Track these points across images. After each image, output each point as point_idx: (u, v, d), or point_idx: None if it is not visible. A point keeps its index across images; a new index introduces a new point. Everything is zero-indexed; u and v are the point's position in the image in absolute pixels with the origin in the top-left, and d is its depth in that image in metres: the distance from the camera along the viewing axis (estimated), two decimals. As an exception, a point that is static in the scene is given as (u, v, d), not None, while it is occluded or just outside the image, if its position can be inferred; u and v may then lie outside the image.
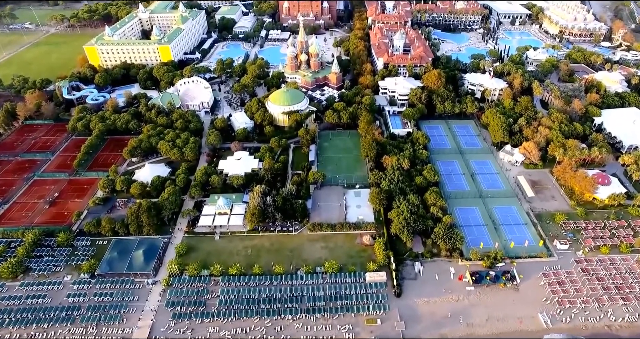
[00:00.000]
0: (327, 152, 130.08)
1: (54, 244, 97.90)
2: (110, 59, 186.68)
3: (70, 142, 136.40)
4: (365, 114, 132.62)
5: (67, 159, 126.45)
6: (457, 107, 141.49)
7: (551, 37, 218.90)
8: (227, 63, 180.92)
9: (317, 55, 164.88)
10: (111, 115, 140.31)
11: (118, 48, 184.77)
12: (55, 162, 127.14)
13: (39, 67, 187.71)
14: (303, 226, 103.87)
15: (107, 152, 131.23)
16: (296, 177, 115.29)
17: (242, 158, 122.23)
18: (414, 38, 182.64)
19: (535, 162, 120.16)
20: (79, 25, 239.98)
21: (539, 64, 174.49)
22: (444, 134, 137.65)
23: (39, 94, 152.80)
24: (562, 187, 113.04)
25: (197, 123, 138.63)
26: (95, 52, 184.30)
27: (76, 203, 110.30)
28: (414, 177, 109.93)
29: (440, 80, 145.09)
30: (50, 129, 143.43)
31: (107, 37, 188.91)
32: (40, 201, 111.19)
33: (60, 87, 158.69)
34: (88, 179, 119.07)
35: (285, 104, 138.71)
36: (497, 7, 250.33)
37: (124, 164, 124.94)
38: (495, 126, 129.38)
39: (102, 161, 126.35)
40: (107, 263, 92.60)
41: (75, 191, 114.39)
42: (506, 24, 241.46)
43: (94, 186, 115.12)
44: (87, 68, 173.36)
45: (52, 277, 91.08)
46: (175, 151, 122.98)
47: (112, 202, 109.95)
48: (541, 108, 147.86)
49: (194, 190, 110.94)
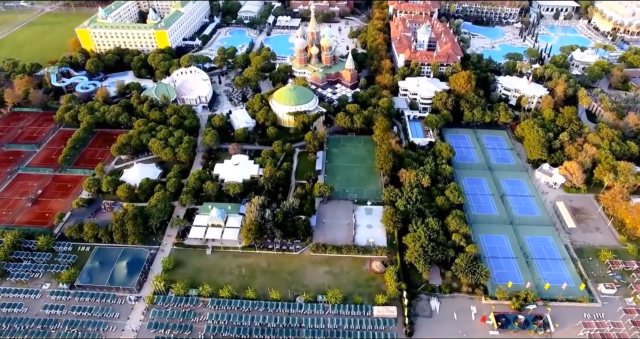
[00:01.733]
0: (337, 161, 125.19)
1: (33, 248, 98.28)
2: (103, 44, 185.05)
3: (57, 133, 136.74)
4: (381, 119, 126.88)
5: (53, 152, 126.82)
6: (488, 116, 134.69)
7: (602, 36, 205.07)
8: (230, 52, 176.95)
9: (330, 49, 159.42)
10: (101, 106, 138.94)
11: (112, 32, 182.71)
12: (40, 155, 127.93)
13: (30, 50, 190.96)
14: (305, 245, 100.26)
15: (95, 147, 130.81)
16: (299, 189, 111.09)
17: (241, 163, 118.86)
18: (441, 32, 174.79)
19: (578, 186, 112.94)
20: (75, 4, 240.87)
21: (586, 68, 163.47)
22: (471, 145, 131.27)
23: (28, 80, 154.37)
24: (610, 219, 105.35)
25: (192, 120, 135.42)
26: (88, 35, 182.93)
27: (59, 203, 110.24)
28: (434, 197, 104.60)
29: (470, 84, 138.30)
30: (38, 118, 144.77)
31: (100, 19, 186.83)
32: (23, 198, 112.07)
33: (49, 74, 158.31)
34: (73, 177, 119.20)
35: (291, 103, 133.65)
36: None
37: (112, 162, 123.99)
38: (532, 141, 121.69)
39: (90, 157, 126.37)
40: (88, 273, 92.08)
41: (59, 189, 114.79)
42: (548, 18, 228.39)
43: (79, 184, 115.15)
44: (78, 53, 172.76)
45: (30, 284, 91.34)
46: (168, 151, 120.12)
47: (97, 205, 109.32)
48: (588, 121, 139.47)
49: (185, 197, 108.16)
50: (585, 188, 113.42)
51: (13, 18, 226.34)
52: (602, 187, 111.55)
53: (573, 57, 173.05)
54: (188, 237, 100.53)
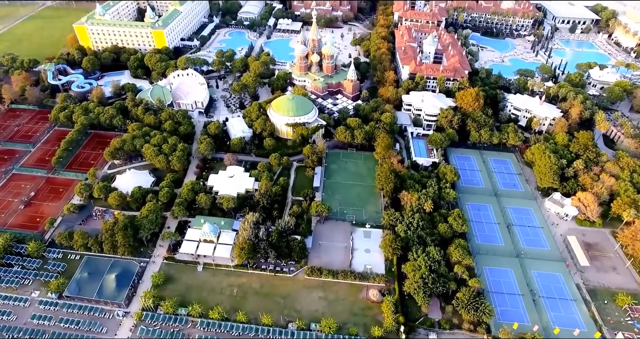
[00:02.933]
0: (336, 177, 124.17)
1: (24, 253, 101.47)
2: (100, 41, 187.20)
3: (52, 133, 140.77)
4: (383, 136, 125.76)
5: (48, 153, 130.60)
6: (496, 137, 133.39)
7: (625, 52, 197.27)
8: (228, 55, 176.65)
9: (332, 57, 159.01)
10: (95, 107, 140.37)
11: (109, 29, 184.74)
12: (35, 155, 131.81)
13: (29, 45, 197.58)
14: (300, 268, 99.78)
15: (89, 149, 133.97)
16: (296, 207, 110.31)
17: (236, 175, 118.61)
18: (449, 44, 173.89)
19: (593, 220, 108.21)
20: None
21: (605, 88, 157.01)
22: (476, 168, 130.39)
23: (25, 77, 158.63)
24: (630, 258, 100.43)
25: (188, 126, 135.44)
26: (85, 32, 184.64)
27: (51, 207, 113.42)
28: (436, 224, 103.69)
29: (478, 103, 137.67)
30: (34, 116, 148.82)
31: (98, 16, 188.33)
32: (16, 200, 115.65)
33: (45, 71, 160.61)
34: (66, 180, 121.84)
35: (290, 114, 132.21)
36: (554, 9, 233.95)
37: (105, 166, 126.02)
38: (542, 167, 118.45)
39: (83, 159, 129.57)
40: (77, 283, 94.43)
41: (51, 192, 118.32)
42: (564, 31, 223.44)
43: (71, 188, 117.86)
44: (75, 50, 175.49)
45: (20, 291, 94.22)
46: (161, 158, 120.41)
47: (89, 211, 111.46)
48: (605, 148, 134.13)
49: (177, 209, 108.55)
50: (601, 222, 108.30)
51: (15, 11, 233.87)
52: (621, 222, 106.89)
53: (590, 75, 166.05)
54: (179, 252, 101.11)
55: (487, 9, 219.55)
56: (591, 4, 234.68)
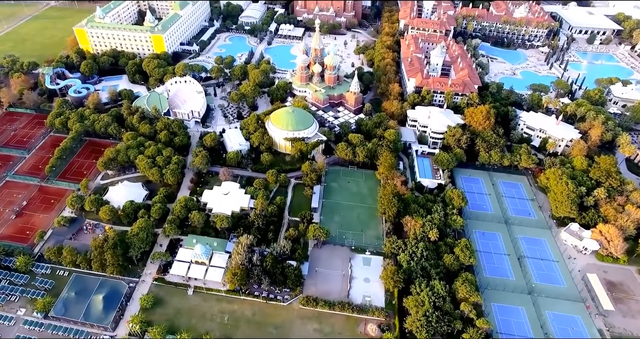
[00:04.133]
0: (335, 197, 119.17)
1: (12, 266, 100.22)
2: (100, 44, 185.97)
3: (47, 139, 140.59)
4: (387, 154, 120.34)
5: (42, 160, 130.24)
6: (507, 159, 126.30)
7: None
8: (227, 62, 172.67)
9: (334, 68, 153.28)
10: (91, 114, 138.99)
11: (108, 33, 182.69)
12: (29, 161, 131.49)
13: (32, 45, 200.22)
14: (295, 296, 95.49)
15: (83, 157, 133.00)
16: (292, 230, 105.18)
17: (231, 192, 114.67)
18: (458, 56, 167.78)
19: (617, 256, 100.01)
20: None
21: (628, 106, 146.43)
22: (485, 191, 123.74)
23: (24, 80, 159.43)
24: None
25: (183, 137, 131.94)
26: (85, 35, 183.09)
27: (41, 219, 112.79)
28: (442, 254, 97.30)
29: (488, 121, 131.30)
30: (30, 121, 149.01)
31: (98, 19, 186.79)
32: (7, 210, 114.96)
33: (43, 75, 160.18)
34: (58, 190, 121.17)
35: (289, 128, 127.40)
36: (571, 18, 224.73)
37: (98, 176, 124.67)
38: (559, 194, 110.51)
39: (77, 168, 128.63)
40: (64, 303, 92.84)
41: (43, 202, 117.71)
42: (581, 42, 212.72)
43: (63, 199, 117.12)
44: (74, 53, 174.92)
45: (6, 307, 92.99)
46: (155, 171, 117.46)
47: (79, 224, 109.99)
48: (630, 174, 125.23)
49: (169, 227, 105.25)
50: (626, 259, 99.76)
51: (19, 11, 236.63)
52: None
53: (612, 91, 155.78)
54: (169, 273, 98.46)
55: (498, 17, 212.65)
56: (612, 12, 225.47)
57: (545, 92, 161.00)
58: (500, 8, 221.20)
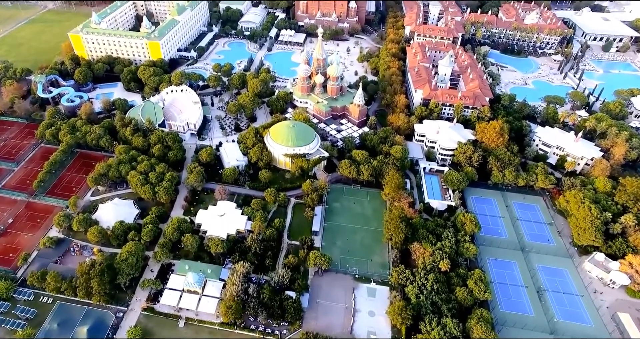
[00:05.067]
0: (338, 218, 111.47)
1: None
2: (95, 50, 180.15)
3: (38, 150, 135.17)
4: (393, 173, 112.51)
5: (31, 173, 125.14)
6: (523, 179, 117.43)
7: None
8: (225, 70, 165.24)
9: (337, 79, 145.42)
10: (83, 125, 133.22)
11: (104, 39, 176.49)
12: (18, 175, 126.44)
13: (27, 50, 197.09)
14: (293, 331, 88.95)
15: (74, 171, 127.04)
16: (292, 256, 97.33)
17: (227, 213, 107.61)
18: (467, 66, 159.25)
19: None
20: (75, 2, 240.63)
21: None
22: (498, 214, 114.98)
23: (16, 87, 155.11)
24: None
25: (178, 152, 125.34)
26: (80, 40, 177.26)
27: (27, 239, 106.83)
28: (454, 286, 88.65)
29: (502, 138, 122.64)
30: (21, 130, 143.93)
31: (93, 24, 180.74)
32: None
33: (36, 83, 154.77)
34: (46, 206, 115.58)
35: (289, 144, 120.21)
36: (584, 24, 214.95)
37: (88, 192, 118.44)
38: (581, 220, 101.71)
39: (66, 183, 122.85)
40: (45, 336, 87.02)
41: (30, 220, 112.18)
42: (596, 49, 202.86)
43: (50, 217, 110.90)
44: (69, 60, 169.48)
45: None
46: (147, 188, 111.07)
47: (67, 246, 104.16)
48: None
49: (160, 252, 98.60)
50: None
51: (17, 14, 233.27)
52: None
53: (633, 103, 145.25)
54: (159, 303, 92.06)
55: (509, 24, 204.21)
56: (629, 18, 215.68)
57: (560, 105, 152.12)
58: (510, 14, 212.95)
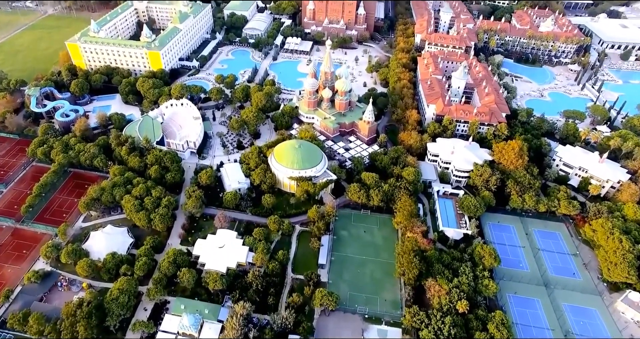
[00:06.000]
0: (346, 249, 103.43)
1: None
2: (94, 60, 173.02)
3: (29, 169, 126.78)
4: (405, 199, 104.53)
5: (20, 196, 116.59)
6: (544, 204, 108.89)
7: None
8: (228, 82, 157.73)
9: (346, 93, 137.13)
10: (77, 143, 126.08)
11: (102, 48, 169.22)
12: (6, 197, 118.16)
13: (24, 58, 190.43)
14: None
15: (66, 193, 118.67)
16: (296, 296, 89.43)
17: (227, 244, 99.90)
18: (482, 79, 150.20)
19: None
20: (75, 8, 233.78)
21: None
22: (518, 243, 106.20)
23: (9, 100, 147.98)
24: None
25: (176, 174, 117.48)
26: (78, 50, 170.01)
27: (11, 272, 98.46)
28: (473, 331, 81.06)
29: (521, 160, 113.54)
30: (12, 147, 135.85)
31: (92, 33, 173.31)
32: None
33: (29, 96, 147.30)
34: (34, 234, 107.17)
35: (294, 166, 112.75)
36: (602, 31, 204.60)
37: (79, 218, 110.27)
38: (610, 253, 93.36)
39: (57, 207, 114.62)
40: None
41: (16, 249, 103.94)
42: (614, 58, 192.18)
43: (38, 246, 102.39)
44: (66, 70, 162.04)
45: None
46: (142, 215, 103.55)
47: (54, 280, 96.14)
48: None
49: (154, 289, 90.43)
50: None
51: (16, 20, 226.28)
52: None
53: None
54: None
55: (523, 31, 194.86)
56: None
57: (581, 120, 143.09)
58: (524, 21, 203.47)
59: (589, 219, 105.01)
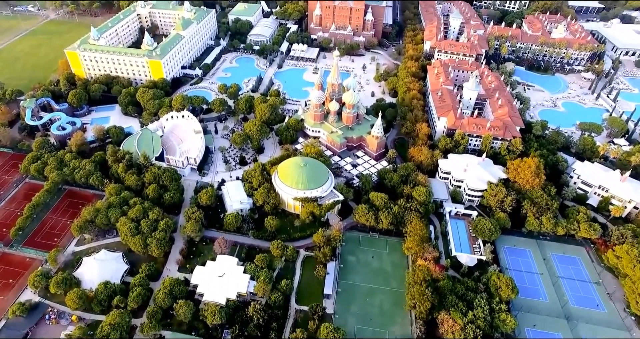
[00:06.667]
0: (353, 276, 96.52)
1: None
2: (93, 68, 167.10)
3: (21, 187, 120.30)
4: (416, 223, 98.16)
5: (11, 216, 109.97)
6: (562, 226, 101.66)
7: None
8: (232, 92, 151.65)
9: (353, 106, 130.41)
10: (72, 159, 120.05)
11: (102, 56, 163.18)
12: None
13: (23, 66, 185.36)
14: None
15: (59, 213, 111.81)
16: (299, 332, 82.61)
17: (227, 273, 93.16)
18: (494, 89, 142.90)
19: None
20: (78, 12, 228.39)
21: None
22: (536, 269, 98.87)
23: (3, 112, 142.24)
24: None
25: (175, 194, 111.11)
26: (77, 58, 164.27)
27: None
28: (491, 373, 73.74)
29: (538, 179, 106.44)
30: (6, 162, 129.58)
31: (92, 40, 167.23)
32: None
33: (24, 108, 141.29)
34: (22, 260, 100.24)
35: (299, 187, 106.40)
36: (615, 37, 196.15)
37: (72, 241, 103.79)
38: (637, 283, 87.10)
39: (50, 228, 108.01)
40: None
41: (2, 277, 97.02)
42: (629, 66, 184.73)
43: (27, 273, 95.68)
44: (64, 79, 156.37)
45: None
46: (138, 240, 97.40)
47: (42, 311, 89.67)
48: None
49: (148, 324, 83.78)
50: None
51: (16, 25, 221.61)
52: None
53: None
54: None
55: (535, 38, 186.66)
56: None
57: (597, 133, 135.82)
58: (536, 27, 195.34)
59: (612, 244, 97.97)
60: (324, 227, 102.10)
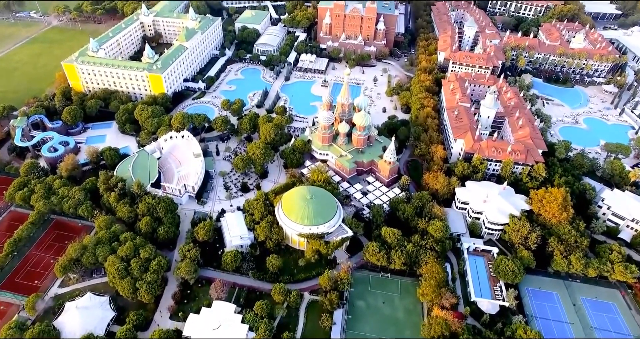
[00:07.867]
0: (363, 326, 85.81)
1: None
2: (91, 82, 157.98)
3: (6, 216, 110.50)
4: (432, 264, 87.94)
5: None
6: (594, 268, 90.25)
7: None
8: (235, 108, 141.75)
9: (365, 128, 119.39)
10: (60, 187, 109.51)
11: (100, 70, 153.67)
12: None
13: (20, 77, 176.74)
14: None
15: (44, 248, 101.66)
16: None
17: (223, 323, 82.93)
18: (514, 107, 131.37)
19: None
20: (80, 19, 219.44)
21: None
22: (566, 318, 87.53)
23: None
24: None
25: (169, 228, 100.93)
26: (75, 71, 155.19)
27: None
28: None
29: (566, 213, 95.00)
30: None
31: (90, 52, 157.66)
32: None
33: (14, 128, 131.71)
34: None
35: (305, 222, 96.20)
36: (637, 46, 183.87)
37: (55, 282, 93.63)
38: None
39: (33, 266, 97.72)
40: None
41: None
42: None
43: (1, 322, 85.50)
44: (60, 94, 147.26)
45: None
46: (127, 283, 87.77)
47: None
48: None
49: None
50: None
51: (17, 32, 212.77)
52: None
53: None
54: None
55: (553, 48, 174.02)
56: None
57: (625, 155, 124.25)
58: (553, 36, 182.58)
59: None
60: (330, 266, 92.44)
